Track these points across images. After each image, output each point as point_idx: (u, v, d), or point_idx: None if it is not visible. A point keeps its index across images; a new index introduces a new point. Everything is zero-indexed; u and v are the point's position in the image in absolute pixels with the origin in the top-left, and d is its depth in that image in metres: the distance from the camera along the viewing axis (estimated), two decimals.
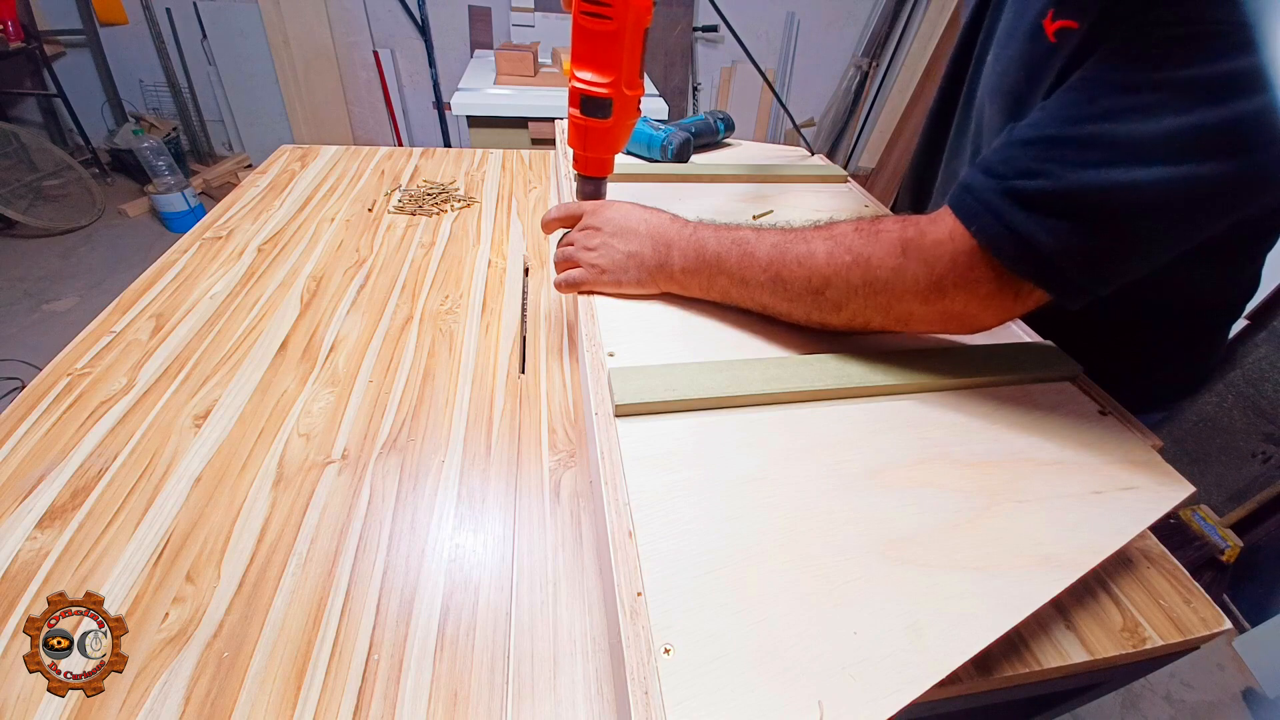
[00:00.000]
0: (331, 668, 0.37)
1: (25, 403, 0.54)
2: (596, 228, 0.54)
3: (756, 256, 0.47)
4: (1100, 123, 0.35)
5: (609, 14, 0.47)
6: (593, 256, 0.53)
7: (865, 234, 0.44)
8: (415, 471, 0.50)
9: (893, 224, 0.43)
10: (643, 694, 0.27)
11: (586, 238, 0.54)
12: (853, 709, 0.27)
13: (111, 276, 2.26)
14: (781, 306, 0.48)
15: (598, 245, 0.53)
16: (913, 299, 0.42)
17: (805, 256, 0.45)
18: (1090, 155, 0.35)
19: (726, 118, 0.95)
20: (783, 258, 0.46)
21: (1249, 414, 1.46)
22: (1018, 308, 0.41)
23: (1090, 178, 0.35)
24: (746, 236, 0.48)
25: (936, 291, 0.41)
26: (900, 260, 0.41)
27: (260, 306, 0.69)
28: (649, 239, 0.52)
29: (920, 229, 0.42)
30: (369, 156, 1.09)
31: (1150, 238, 0.36)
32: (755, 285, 0.48)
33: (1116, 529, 0.36)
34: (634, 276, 0.52)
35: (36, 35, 2.56)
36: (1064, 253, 0.36)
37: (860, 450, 0.40)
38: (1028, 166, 0.37)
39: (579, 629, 0.39)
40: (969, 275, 0.40)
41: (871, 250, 0.43)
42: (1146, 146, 0.34)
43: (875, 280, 0.42)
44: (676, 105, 3.01)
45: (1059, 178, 0.36)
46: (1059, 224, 0.36)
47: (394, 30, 2.86)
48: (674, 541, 0.33)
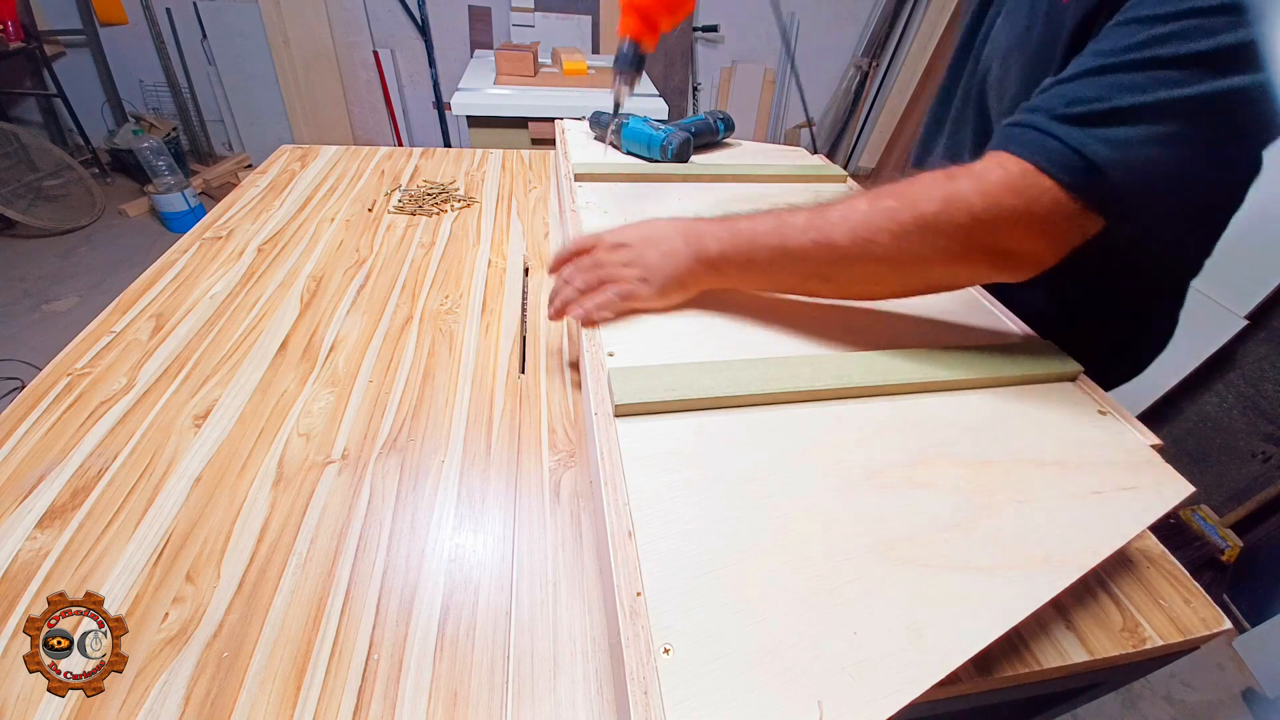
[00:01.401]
0: (331, 668, 0.37)
1: (25, 403, 0.54)
2: (623, 244, 0.51)
3: (794, 222, 0.46)
4: (1143, 50, 0.37)
5: None
6: (633, 271, 0.50)
7: (905, 183, 0.43)
8: (415, 471, 0.50)
9: (930, 172, 0.43)
10: (642, 694, 0.27)
11: (618, 255, 0.51)
12: (853, 709, 0.27)
13: (111, 276, 2.26)
14: (826, 268, 0.46)
15: (632, 259, 0.50)
16: (965, 234, 0.41)
17: (847, 211, 0.44)
18: (1137, 77, 0.37)
19: (726, 118, 0.95)
20: (823, 218, 0.45)
21: (1249, 414, 1.46)
22: (1072, 234, 0.41)
23: (1139, 96, 0.37)
24: (777, 211, 0.48)
25: (990, 224, 0.40)
26: (948, 187, 0.41)
27: (260, 306, 0.69)
28: (678, 237, 0.51)
29: (966, 167, 0.42)
30: (369, 156, 1.09)
31: (1196, 146, 0.38)
32: (797, 251, 0.46)
33: (1116, 529, 0.36)
34: (675, 277, 0.50)
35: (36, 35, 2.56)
36: (1120, 164, 0.37)
37: (860, 450, 0.40)
38: (1077, 95, 0.39)
39: (579, 629, 0.39)
40: (1024, 199, 0.39)
41: (916, 190, 0.42)
42: (1190, 63, 0.36)
43: (923, 218, 0.41)
44: (676, 105, 3.01)
45: (1109, 99, 0.38)
46: (1114, 135, 0.37)
47: (394, 30, 2.86)
48: (674, 541, 0.33)
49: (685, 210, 0.72)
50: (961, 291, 0.60)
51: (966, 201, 0.40)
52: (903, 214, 0.42)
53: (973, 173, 0.41)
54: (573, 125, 1.02)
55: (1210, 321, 1.48)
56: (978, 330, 0.54)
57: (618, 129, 0.87)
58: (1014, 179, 0.39)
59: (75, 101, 2.71)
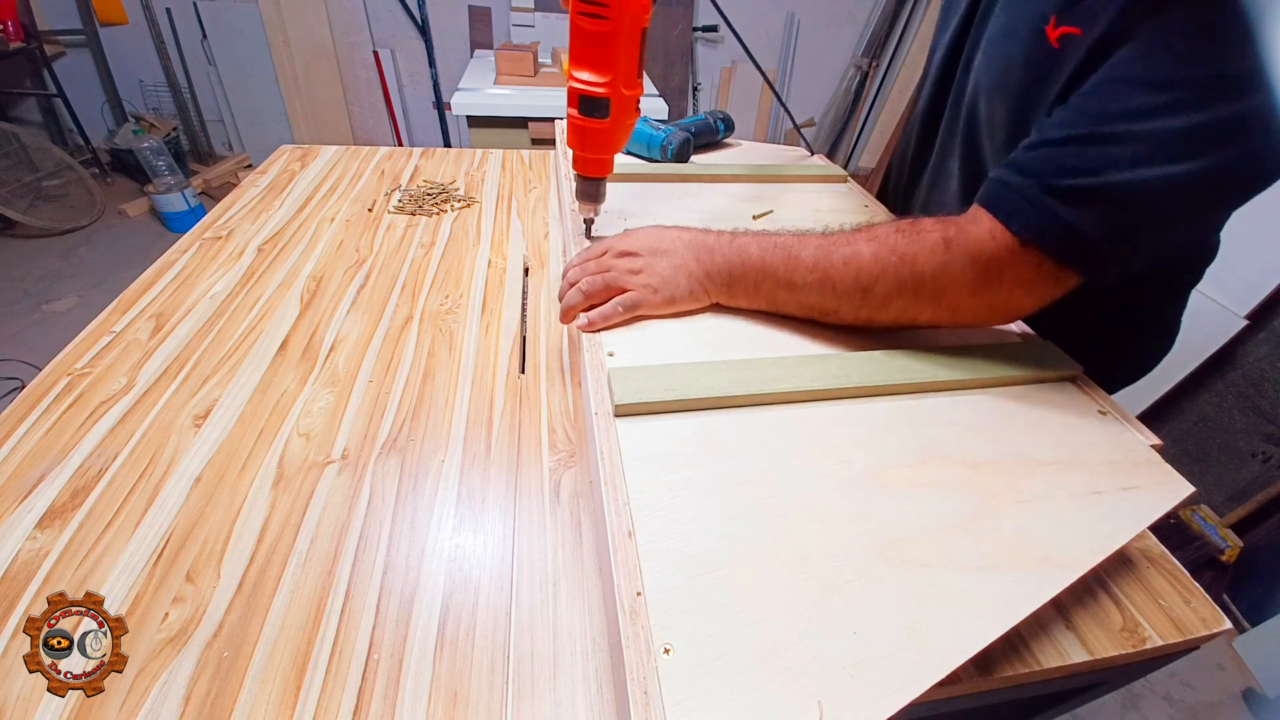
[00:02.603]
0: (331, 668, 0.37)
1: (25, 403, 0.54)
2: (632, 252, 0.52)
3: (802, 259, 0.48)
4: (1130, 121, 0.38)
5: (605, 14, 0.47)
6: (641, 279, 0.50)
7: (907, 234, 0.45)
8: (415, 471, 0.50)
9: (932, 224, 0.45)
10: (642, 694, 0.27)
11: (626, 262, 0.51)
12: (853, 709, 0.27)
13: (111, 276, 2.26)
14: (829, 304, 0.49)
15: (641, 267, 0.51)
16: (958, 291, 0.45)
17: (851, 257, 0.46)
18: (1125, 151, 0.38)
19: (726, 118, 0.95)
20: (828, 259, 0.47)
21: (1249, 414, 1.46)
22: (1058, 291, 0.44)
23: (1126, 173, 0.38)
24: (788, 242, 0.49)
25: (981, 283, 0.44)
26: (945, 256, 0.44)
27: (260, 306, 0.69)
28: (689, 250, 0.51)
29: (960, 227, 0.44)
30: (369, 156, 1.09)
31: (1182, 219, 0.40)
32: (803, 287, 0.49)
33: (1116, 529, 0.36)
34: (684, 289, 0.51)
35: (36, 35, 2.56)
36: (1107, 239, 0.39)
37: (860, 450, 0.40)
38: (1065, 164, 0.40)
39: (579, 629, 0.39)
40: (1012, 267, 0.42)
41: (916, 249, 0.45)
42: (1174, 141, 0.37)
43: (921, 276, 0.45)
44: (676, 105, 3.02)
45: (1097, 173, 0.39)
46: (1102, 213, 0.39)
47: (394, 30, 2.86)
48: (674, 541, 0.33)
49: (685, 210, 0.72)
50: None
51: (961, 268, 0.44)
52: (903, 270, 0.45)
53: (967, 237, 0.43)
54: None
55: (1210, 321, 1.48)
56: (978, 330, 0.54)
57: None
58: (1008, 248, 0.42)
59: (75, 101, 2.71)
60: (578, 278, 0.52)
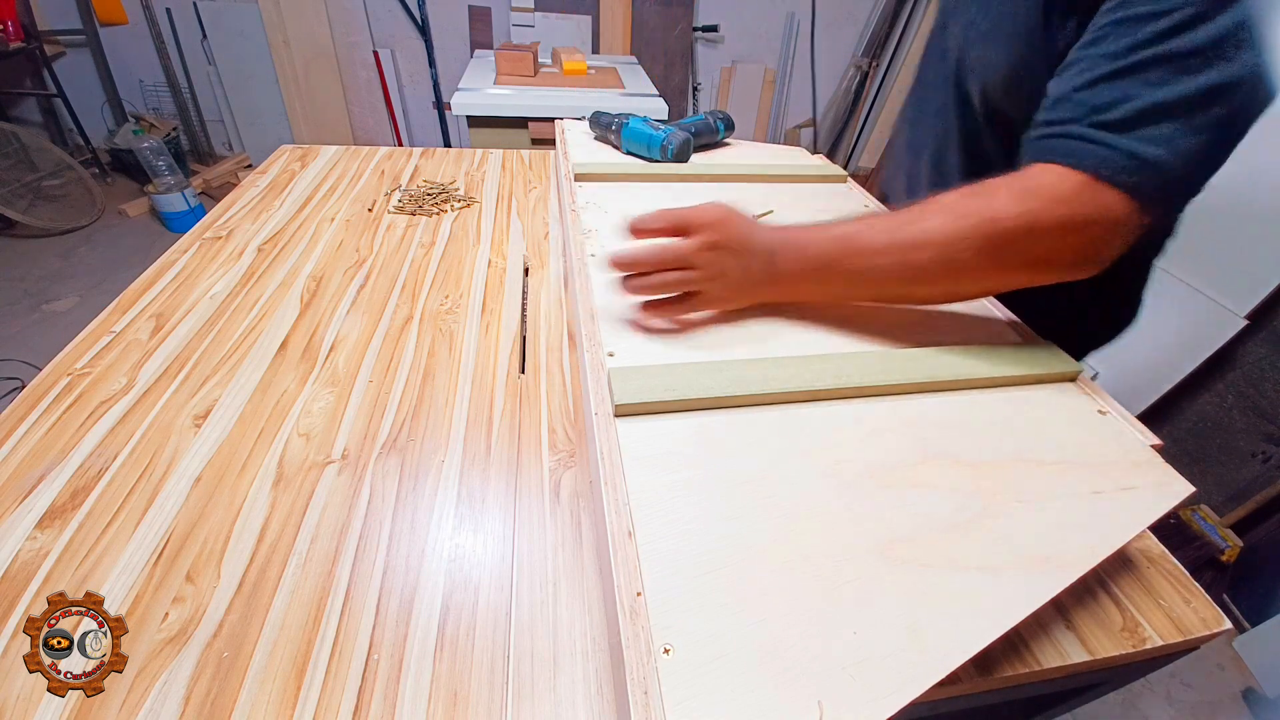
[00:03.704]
0: (331, 668, 0.37)
1: (25, 403, 0.54)
2: (716, 245, 0.48)
3: (873, 244, 0.47)
4: (1148, 48, 0.39)
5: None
6: (716, 287, 0.49)
7: (978, 196, 0.44)
8: (415, 471, 0.50)
9: (996, 182, 0.45)
10: (642, 694, 0.27)
11: (707, 259, 0.48)
12: (852, 709, 0.27)
13: (111, 276, 2.26)
14: (904, 290, 0.48)
15: (720, 271, 0.49)
16: (1049, 241, 0.43)
17: (921, 235, 0.45)
18: (1154, 74, 0.39)
19: (726, 118, 0.95)
20: (899, 244, 0.46)
21: (1249, 414, 1.46)
22: (1136, 225, 0.42)
23: (1166, 91, 0.39)
24: (847, 232, 0.48)
25: (1070, 228, 0.42)
26: (1028, 205, 0.42)
27: (260, 306, 0.69)
28: (763, 252, 0.49)
29: (1029, 178, 0.43)
30: (369, 156, 1.09)
31: (1224, 135, 0.40)
32: (877, 277, 0.47)
33: (1116, 529, 0.36)
34: (747, 294, 0.51)
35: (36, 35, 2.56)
36: (1171, 159, 0.40)
37: (860, 450, 0.40)
38: (1102, 101, 0.41)
39: (579, 629, 0.39)
40: (1092, 206, 0.41)
41: (996, 206, 0.43)
42: (1198, 53, 0.38)
43: (1006, 233, 0.43)
44: (676, 105, 3.02)
45: (1138, 98, 0.40)
46: (1158, 133, 0.40)
47: (394, 30, 2.86)
48: (674, 541, 0.33)
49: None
50: None
51: (1048, 215, 0.42)
52: (985, 229, 0.43)
53: (1041, 185, 0.43)
54: (573, 125, 1.02)
55: (1210, 321, 1.48)
56: (978, 330, 0.54)
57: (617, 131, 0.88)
58: (1077, 190, 0.41)
59: (75, 101, 2.71)
60: (655, 262, 0.49)
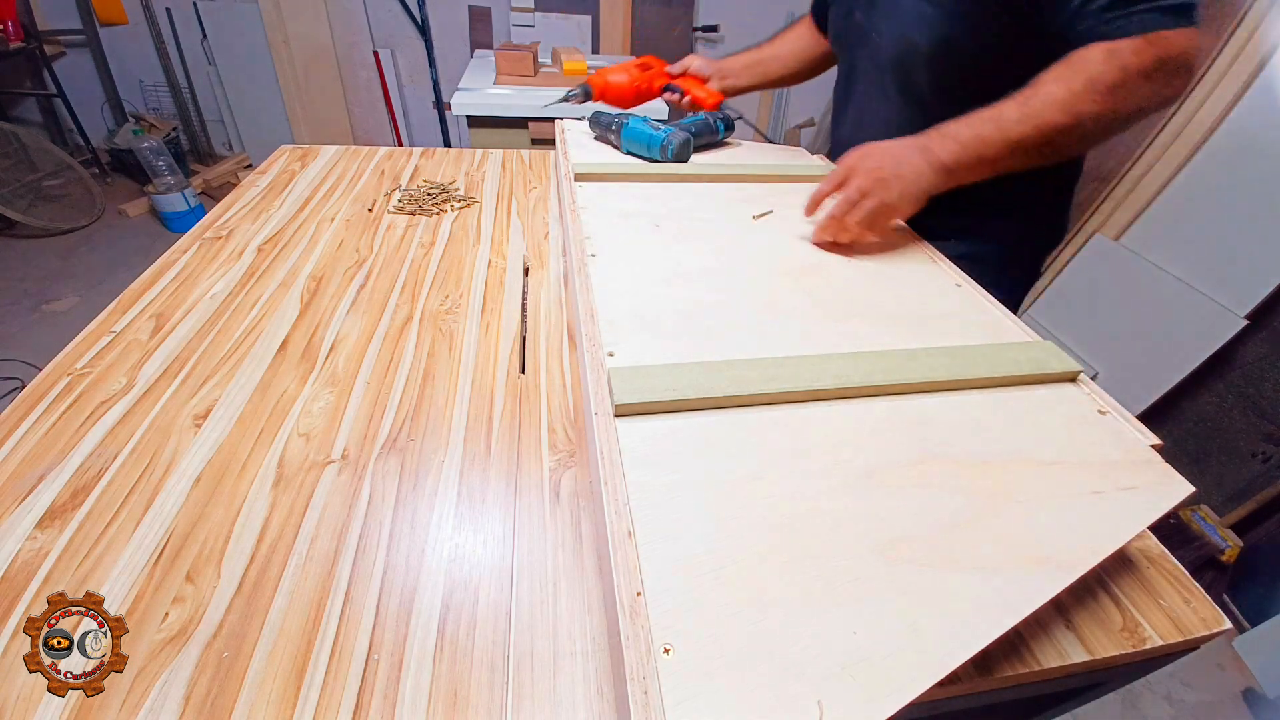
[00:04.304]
0: (331, 668, 0.37)
1: (25, 403, 0.54)
2: (876, 170, 0.62)
3: (1010, 118, 0.60)
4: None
5: None
6: (890, 193, 0.61)
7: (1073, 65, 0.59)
8: (415, 471, 0.50)
9: (1082, 55, 0.58)
10: (642, 694, 0.27)
11: (871, 182, 0.62)
12: (852, 708, 0.27)
13: (111, 276, 2.26)
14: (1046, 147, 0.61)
15: (886, 180, 0.61)
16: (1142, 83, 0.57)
17: (1048, 97, 0.59)
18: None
19: (726, 118, 0.95)
20: (1030, 107, 0.60)
21: (1249, 414, 1.46)
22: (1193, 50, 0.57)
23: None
24: (983, 116, 0.61)
25: (1156, 68, 0.56)
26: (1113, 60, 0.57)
27: (260, 306, 0.69)
28: (916, 154, 0.62)
29: (1103, 49, 0.57)
30: (369, 156, 1.09)
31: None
32: (1022, 144, 0.60)
33: (1116, 529, 0.36)
34: (922, 190, 0.62)
35: (36, 35, 2.56)
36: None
37: (860, 450, 0.40)
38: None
39: (579, 629, 0.39)
40: (1160, 47, 0.56)
41: (1089, 68, 0.58)
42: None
43: (1112, 83, 0.57)
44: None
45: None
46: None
47: (394, 30, 2.86)
48: (674, 541, 0.33)
49: (685, 210, 0.72)
50: (962, 292, 0.61)
51: (1139, 66, 0.56)
52: (1099, 84, 0.57)
53: (1126, 50, 0.56)
54: (573, 125, 1.02)
55: (1210, 321, 1.48)
56: (978, 330, 0.54)
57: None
58: (1141, 46, 0.56)
59: (75, 101, 2.71)
60: (840, 207, 0.63)
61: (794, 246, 0.67)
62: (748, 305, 0.55)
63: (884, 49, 0.76)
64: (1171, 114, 1.62)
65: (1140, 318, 1.65)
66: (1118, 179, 1.77)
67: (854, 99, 0.86)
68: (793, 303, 0.56)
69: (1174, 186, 1.64)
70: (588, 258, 0.60)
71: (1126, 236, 1.76)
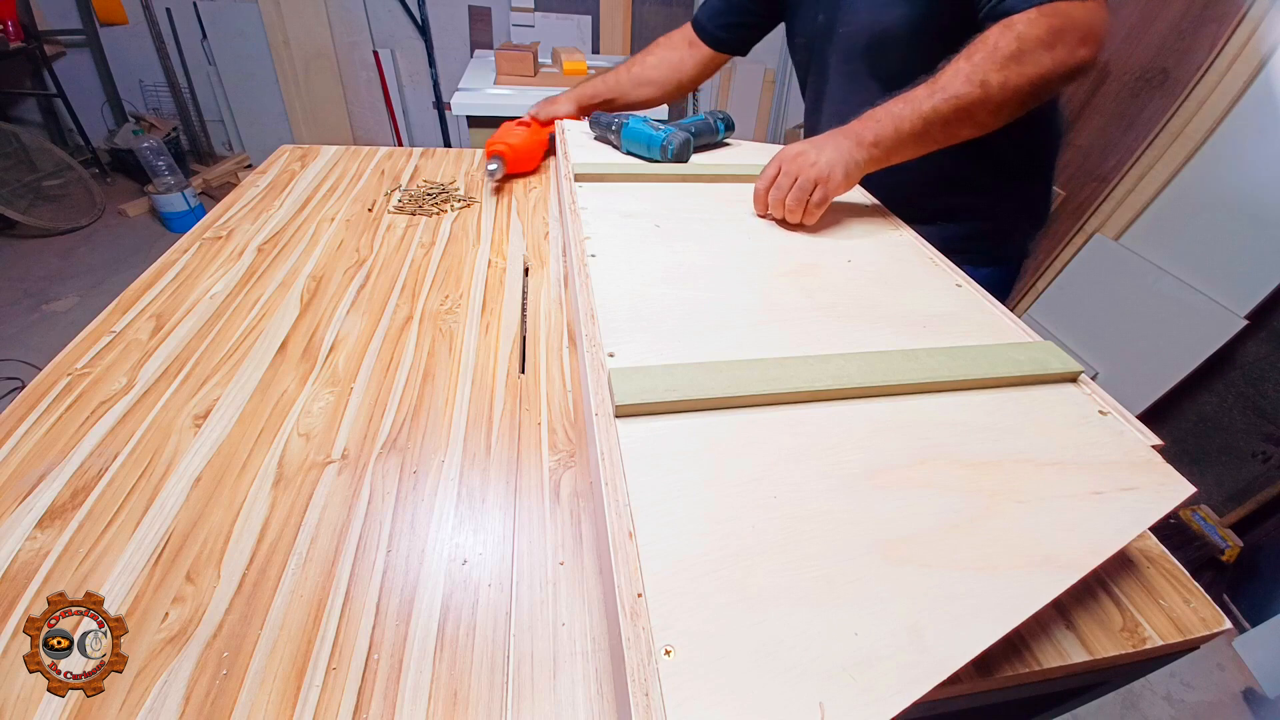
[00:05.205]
0: (331, 668, 0.37)
1: (25, 403, 0.54)
2: (801, 153, 0.68)
3: (918, 96, 0.66)
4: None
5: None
6: (819, 170, 0.66)
7: (976, 44, 0.64)
8: (415, 471, 0.50)
9: (986, 36, 0.64)
10: (643, 695, 0.27)
11: (803, 163, 0.67)
12: (854, 710, 0.27)
13: (111, 276, 2.26)
14: (959, 118, 0.65)
15: (815, 159, 0.67)
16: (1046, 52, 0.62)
17: (953, 72, 0.65)
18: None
19: (726, 118, 0.95)
20: (938, 84, 0.65)
21: (1249, 414, 1.46)
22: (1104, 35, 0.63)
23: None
24: (899, 98, 0.67)
25: (1058, 38, 0.61)
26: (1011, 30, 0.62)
27: (260, 306, 0.68)
28: (841, 137, 0.68)
29: (1005, 26, 0.63)
30: (369, 156, 1.09)
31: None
32: (934, 117, 0.65)
33: (1117, 529, 0.36)
34: (854, 163, 0.67)
35: (36, 35, 2.56)
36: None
37: (860, 450, 0.40)
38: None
39: (579, 629, 0.39)
40: (1059, 17, 0.61)
41: (990, 42, 0.63)
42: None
43: (1010, 53, 0.62)
44: (676, 105, 3.01)
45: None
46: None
47: (394, 30, 2.86)
48: (674, 542, 0.33)
49: (685, 210, 0.72)
50: (962, 291, 0.60)
51: (1034, 35, 0.61)
52: (997, 54, 0.62)
53: (1019, 21, 0.62)
54: (573, 125, 1.02)
55: (1210, 321, 1.48)
56: (978, 330, 0.54)
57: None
58: (1045, 14, 0.61)
59: (75, 101, 2.72)
60: (779, 194, 0.69)
61: (794, 247, 0.67)
62: (748, 305, 0.55)
63: (856, 39, 0.81)
64: (1172, 114, 1.63)
65: (1140, 317, 1.66)
66: (1118, 179, 1.77)
67: (829, 96, 0.90)
68: (793, 303, 0.56)
69: (1174, 186, 1.64)
70: (588, 258, 0.60)
71: (1126, 236, 1.76)
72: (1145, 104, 1.74)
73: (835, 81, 0.88)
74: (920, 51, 0.76)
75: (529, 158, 1.01)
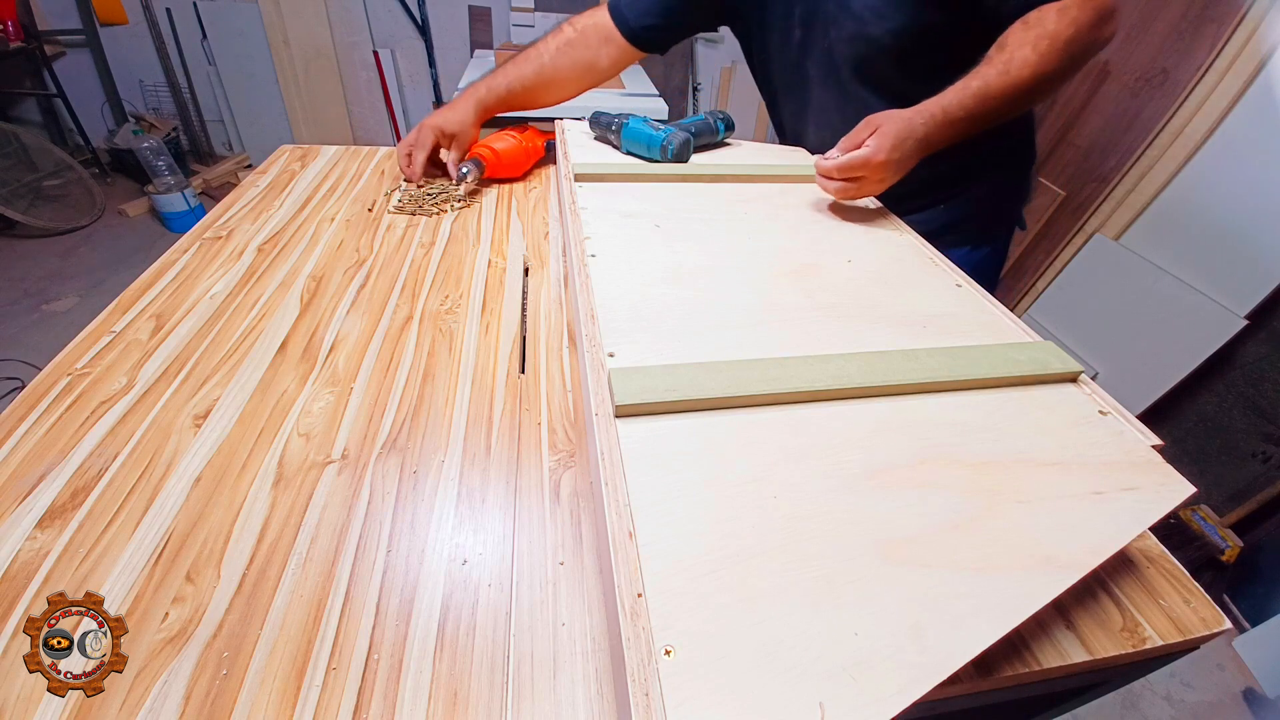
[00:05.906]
0: (331, 668, 0.37)
1: (25, 403, 0.54)
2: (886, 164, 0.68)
3: (971, 88, 0.68)
4: None
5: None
6: (883, 185, 0.70)
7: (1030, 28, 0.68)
8: (415, 471, 0.50)
9: (1037, 16, 0.68)
10: (643, 695, 0.27)
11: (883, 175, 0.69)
12: (854, 710, 0.27)
13: (111, 276, 2.26)
14: (1008, 106, 0.69)
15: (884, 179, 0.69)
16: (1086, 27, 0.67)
17: (1004, 66, 0.67)
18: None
19: (726, 118, 0.95)
20: (986, 77, 0.67)
21: (1249, 414, 1.46)
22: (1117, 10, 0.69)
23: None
24: (953, 90, 0.68)
25: (1092, 21, 0.66)
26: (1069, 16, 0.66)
27: (260, 306, 0.68)
28: (907, 137, 0.68)
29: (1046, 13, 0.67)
30: (369, 156, 1.09)
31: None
32: (982, 115, 0.68)
33: (1117, 529, 0.36)
34: (908, 165, 0.70)
35: (36, 35, 2.56)
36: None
37: (860, 450, 0.40)
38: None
39: (579, 629, 0.39)
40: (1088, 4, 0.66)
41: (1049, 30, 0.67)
42: None
43: (1069, 39, 0.66)
44: (676, 105, 3.02)
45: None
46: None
47: (394, 30, 2.86)
48: (674, 542, 0.33)
49: (685, 210, 0.72)
50: (962, 291, 0.60)
51: (1083, 19, 0.66)
52: (1058, 40, 0.66)
53: (1050, 14, 0.66)
54: (573, 125, 1.02)
55: (1210, 321, 1.48)
56: (978, 330, 0.54)
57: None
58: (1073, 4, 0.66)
59: (75, 101, 2.72)
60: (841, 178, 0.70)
61: (794, 247, 0.67)
62: (748, 305, 0.55)
63: (841, 52, 0.82)
64: (1172, 114, 1.63)
65: (1140, 318, 1.66)
66: (1118, 179, 1.77)
67: (814, 105, 0.92)
68: (793, 303, 0.56)
69: (1174, 186, 1.64)
70: (588, 258, 0.60)
71: (1126, 236, 1.76)
72: (1145, 104, 1.74)
73: (818, 91, 0.89)
74: (910, 57, 0.78)
75: (513, 164, 1.01)
